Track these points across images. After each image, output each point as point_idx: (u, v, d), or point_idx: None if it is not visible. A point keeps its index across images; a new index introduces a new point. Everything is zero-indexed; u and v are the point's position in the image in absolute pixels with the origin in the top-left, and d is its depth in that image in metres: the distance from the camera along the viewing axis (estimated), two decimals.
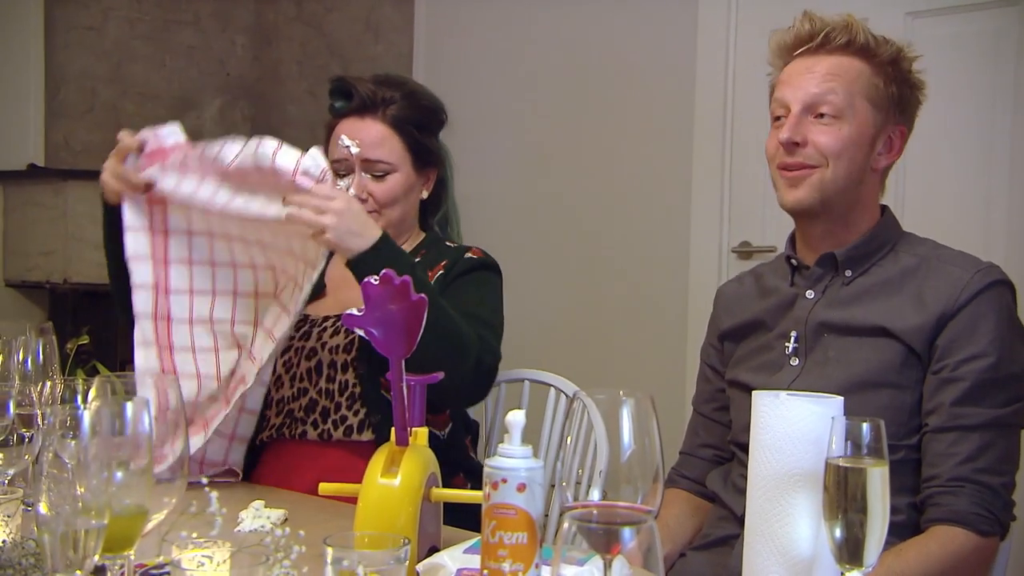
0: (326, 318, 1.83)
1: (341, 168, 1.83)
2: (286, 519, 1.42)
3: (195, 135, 1.74)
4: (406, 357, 1.26)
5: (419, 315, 1.23)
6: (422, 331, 1.23)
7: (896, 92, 1.50)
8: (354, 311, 1.25)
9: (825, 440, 0.99)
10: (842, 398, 1.07)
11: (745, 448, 1.57)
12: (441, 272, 1.84)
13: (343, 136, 1.83)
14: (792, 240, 1.59)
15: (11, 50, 4.03)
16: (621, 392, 1.04)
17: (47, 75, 4.10)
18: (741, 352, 1.62)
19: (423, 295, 1.23)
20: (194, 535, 0.99)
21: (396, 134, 1.85)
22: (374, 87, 1.84)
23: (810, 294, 1.52)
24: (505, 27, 3.93)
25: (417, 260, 1.84)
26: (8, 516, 1.15)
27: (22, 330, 1.47)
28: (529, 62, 3.85)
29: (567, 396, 2.14)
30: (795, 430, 1.05)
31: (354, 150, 1.82)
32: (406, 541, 0.95)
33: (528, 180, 3.86)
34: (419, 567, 1.20)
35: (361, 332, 1.26)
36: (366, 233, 1.60)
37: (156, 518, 1.00)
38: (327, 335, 1.79)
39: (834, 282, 1.51)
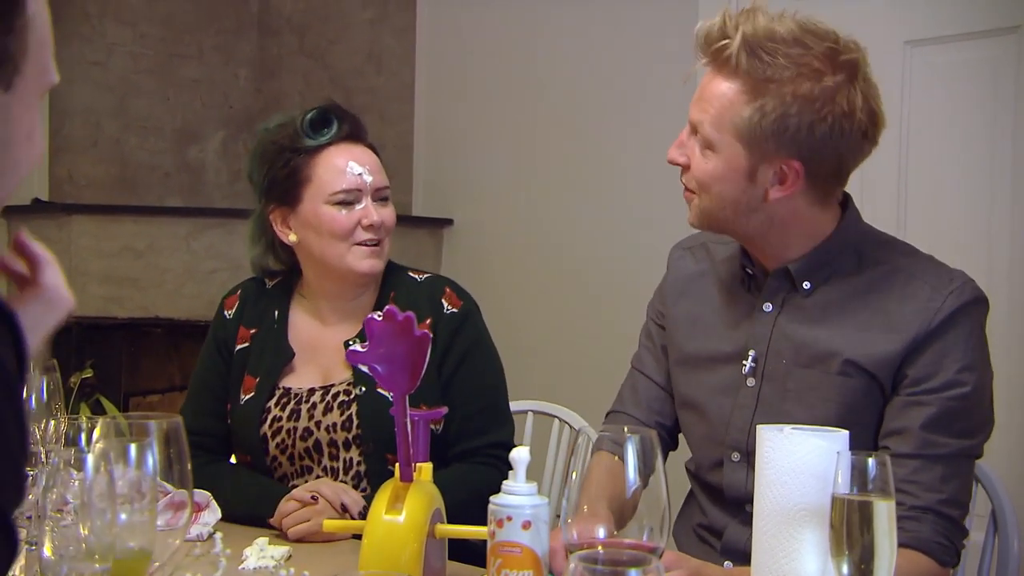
0: (311, 391, 1.74)
1: (348, 198, 1.73)
2: (290, 556, 1.42)
3: (198, 167, 1.75)
4: (410, 392, 1.26)
5: (423, 350, 1.23)
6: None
7: (778, 125, 1.32)
8: (358, 347, 1.25)
9: (831, 475, 0.99)
10: (847, 432, 1.07)
11: (702, 481, 1.53)
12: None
13: (352, 163, 1.74)
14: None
15: None
16: (626, 428, 1.04)
17: (51, 110, 4.13)
18: (689, 349, 1.53)
19: (426, 332, 1.24)
20: None
21: (379, 159, 1.80)
22: (348, 113, 1.79)
23: (768, 307, 1.44)
24: (506, 59, 3.96)
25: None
26: None
27: None
28: (530, 94, 3.87)
29: (571, 427, 2.14)
30: (800, 465, 1.04)
31: (367, 178, 1.75)
32: None
33: (531, 208, 3.87)
34: None
35: (365, 368, 1.26)
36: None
37: (160, 560, 1.00)
38: (319, 412, 1.72)
39: (793, 294, 1.43)
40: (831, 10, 3.10)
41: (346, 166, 1.74)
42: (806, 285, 1.42)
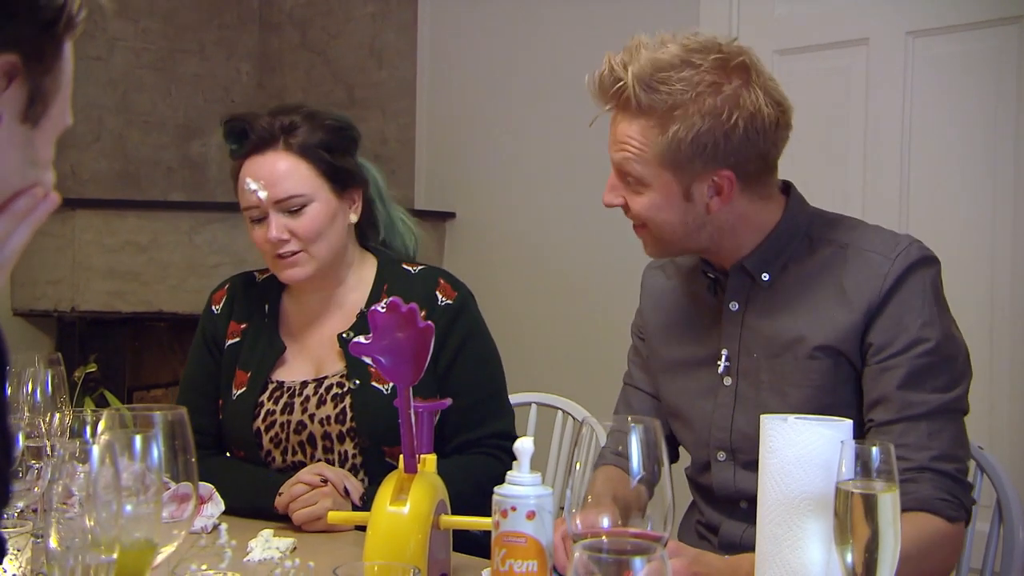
0: (304, 384, 1.73)
1: (255, 215, 1.70)
2: (295, 548, 1.42)
3: (201, 163, 1.74)
4: (414, 384, 1.26)
5: (426, 342, 1.23)
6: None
7: (695, 144, 1.36)
8: (361, 339, 1.25)
9: (834, 464, 0.99)
10: (851, 421, 1.07)
11: (696, 484, 1.55)
12: None
13: (247, 179, 1.69)
14: None
15: None
16: (629, 418, 1.04)
17: None
18: (667, 356, 1.56)
19: (430, 323, 1.23)
20: (204, 567, 0.99)
21: (305, 161, 1.70)
22: (271, 118, 1.72)
23: (734, 306, 1.47)
24: (507, 53, 3.96)
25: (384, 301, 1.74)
26: (18, 550, 1.15)
27: (31, 361, 1.47)
28: (532, 88, 3.87)
29: (574, 419, 2.14)
30: (804, 454, 1.05)
31: (261, 194, 1.68)
32: (416, 571, 0.95)
33: (533, 202, 3.87)
34: None
35: (368, 360, 1.26)
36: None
37: (165, 551, 1.00)
38: (312, 405, 1.71)
39: (755, 288, 1.46)
40: (834, 2, 3.11)
41: (244, 184, 1.70)
42: (765, 276, 1.45)
